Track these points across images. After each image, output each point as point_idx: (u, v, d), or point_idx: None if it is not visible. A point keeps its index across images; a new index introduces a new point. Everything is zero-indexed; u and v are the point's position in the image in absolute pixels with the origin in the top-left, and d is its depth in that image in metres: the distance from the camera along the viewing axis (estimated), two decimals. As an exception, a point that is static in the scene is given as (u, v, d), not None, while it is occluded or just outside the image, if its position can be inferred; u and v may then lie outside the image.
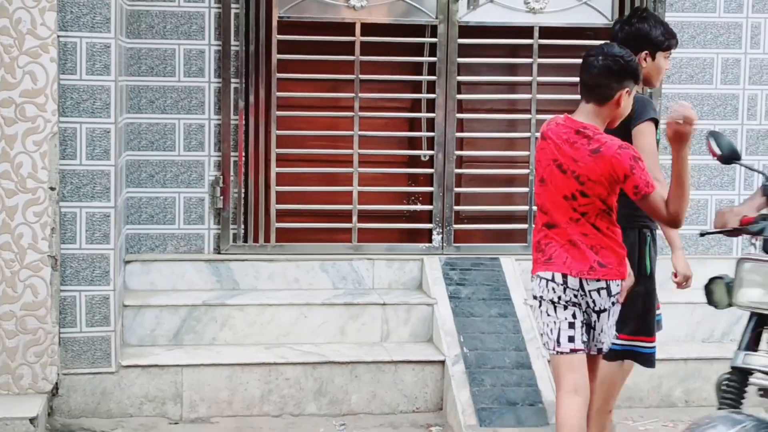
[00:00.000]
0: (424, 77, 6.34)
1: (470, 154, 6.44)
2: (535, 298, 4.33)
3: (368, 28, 6.22)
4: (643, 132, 4.53)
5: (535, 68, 6.33)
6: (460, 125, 6.38)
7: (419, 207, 6.42)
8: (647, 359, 4.74)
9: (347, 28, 6.21)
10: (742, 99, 6.48)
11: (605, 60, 4.23)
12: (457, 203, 6.40)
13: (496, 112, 6.48)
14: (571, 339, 4.23)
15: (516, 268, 6.20)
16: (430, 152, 6.34)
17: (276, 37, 6.13)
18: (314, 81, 6.28)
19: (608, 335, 4.30)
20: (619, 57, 4.24)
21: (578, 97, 6.35)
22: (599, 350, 4.33)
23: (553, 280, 4.21)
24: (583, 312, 4.23)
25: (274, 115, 6.17)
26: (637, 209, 4.28)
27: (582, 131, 4.21)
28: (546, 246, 4.26)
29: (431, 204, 6.36)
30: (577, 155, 4.17)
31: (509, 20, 6.33)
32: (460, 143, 6.40)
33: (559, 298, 4.22)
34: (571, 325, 4.22)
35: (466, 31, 6.30)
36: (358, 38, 6.19)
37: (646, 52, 4.74)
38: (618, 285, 4.22)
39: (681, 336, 6.16)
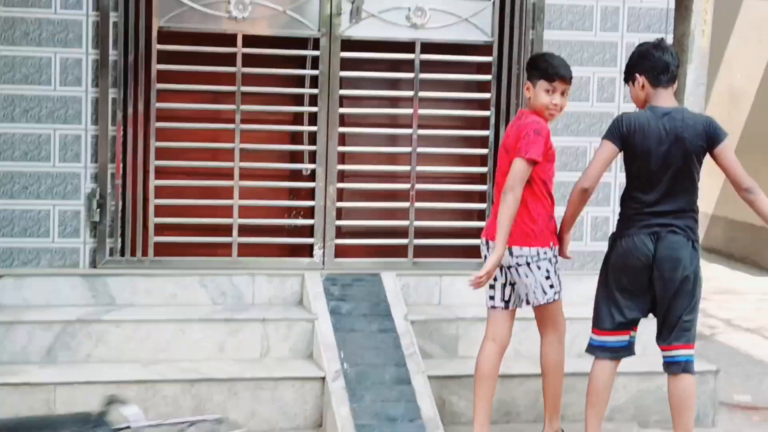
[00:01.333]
0: (306, 90, 6.31)
1: (352, 168, 6.43)
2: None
3: (250, 40, 6.17)
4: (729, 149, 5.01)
5: (416, 83, 6.36)
6: (342, 139, 6.37)
7: (300, 221, 6.39)
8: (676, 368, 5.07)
9: (229, 39, 6.14)
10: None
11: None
12: (339, 218, 6.39)
13: (378, 127, 6.49)
14: (491, 297, 5.30)
15: (397, 283, 6.22)
16: (312, 166, 6.31)
17: (156, 47, 6.03)
18: (195, 92, 6.20)
19: (532, 291, 5.20)
20: (531, 57, 5.57)
21: (457, 112, 6.55)
22: (527, 303, 5.27)
23: (486, 243, 5.27)
24: (503, 273, 5.22)
25: (153, 127, 6.06)
26: None
27: (518, 115, 5.33)
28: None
29: (313, 218, 6.33)
30: (509, 131, 5.27)
31: (391, 35, 6.34)
32: (342, 157, 6.39)
33: (485, 257, 5.22)
34: (492, 286, 5.26)
35: (349, 44, 6.30)
36: (240, 50, 6.13)
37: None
38: (521, 249, 5.13)
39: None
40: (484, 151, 6.47)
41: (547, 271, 5.22)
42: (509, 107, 6.43)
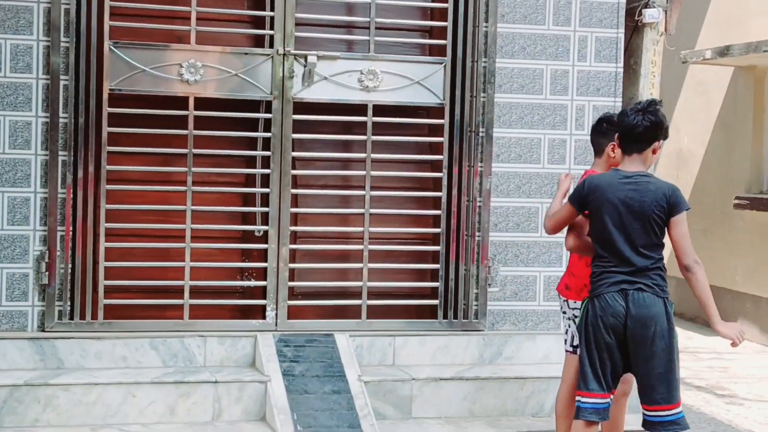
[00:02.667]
0: (259, 152, 6.31)
1: (304, 229, 6.43)
2: None
3: (202, 102, 6.18)
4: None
5: (369, 145, 6.39)
6: (295, 201, 6.38)
7: (253, 283, 6.36)
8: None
9: (180, 101, 6.15)
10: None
11: (596, 123, 5.36)
12: (291, 279, 6.36)
13: (330, 188, 6.50)
14: (564, 342, 5.41)
15: (350, 344, 6.19)
16: (264, 227, 6.30)
17: (107, 109, 6.02)
18: (146, 155, 6.18)
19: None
20: (604, 118, 5.33)
21: (410, 174, 6.52)
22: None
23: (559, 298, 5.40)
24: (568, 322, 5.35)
25: (103, 189, 6.03)
26: None
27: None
28: None
29: (265, 280, 6.30)
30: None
31: (343, 98, 6.38)
32: (294, 218, 6.38)
33: (563, 311, 5.39)
34: (566, 332, 5.37)
35: (301, 107, 6.32)
36: (192, 112, 6.13)
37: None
38: (575, 303, 5.22)
39: (511, 410, 6.24)
40: (437, 212, 6.49)
41: None
42: (461, 168, 6.47)
